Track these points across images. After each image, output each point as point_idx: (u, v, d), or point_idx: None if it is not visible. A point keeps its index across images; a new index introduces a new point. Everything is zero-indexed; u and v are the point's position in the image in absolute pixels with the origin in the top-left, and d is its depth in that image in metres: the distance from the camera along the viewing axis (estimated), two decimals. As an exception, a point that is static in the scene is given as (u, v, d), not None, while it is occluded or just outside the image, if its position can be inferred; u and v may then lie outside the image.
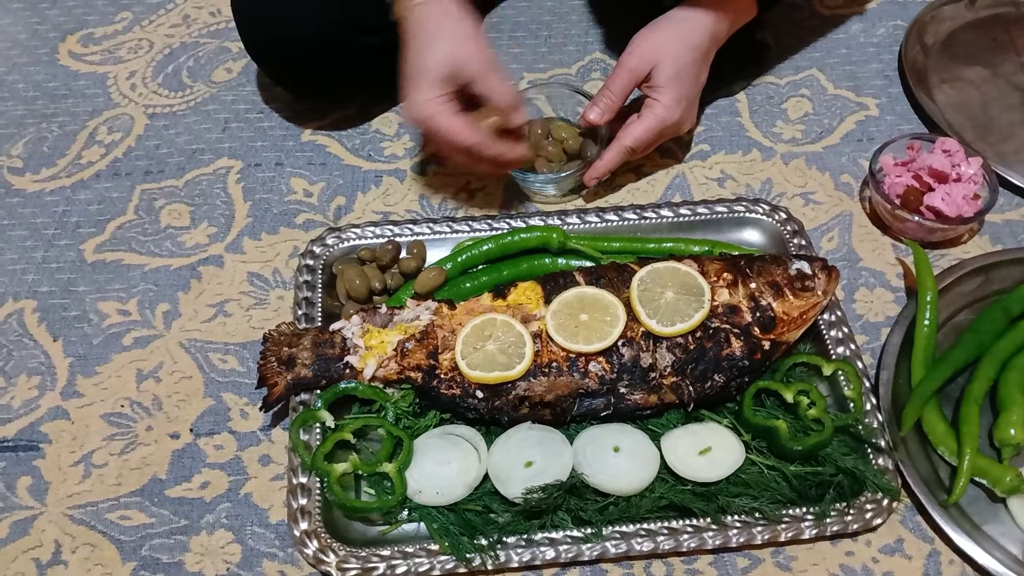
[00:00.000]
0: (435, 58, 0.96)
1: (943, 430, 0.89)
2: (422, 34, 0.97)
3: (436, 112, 0.96)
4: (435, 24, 0.97)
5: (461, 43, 0.96)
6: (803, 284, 0.93)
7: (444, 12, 0.98)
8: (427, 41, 0.97)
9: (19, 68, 1.36)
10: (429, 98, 0.96)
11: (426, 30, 0.97)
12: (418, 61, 0.97)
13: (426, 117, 0.96)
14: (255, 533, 0.88)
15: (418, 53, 0.97)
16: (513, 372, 0.87)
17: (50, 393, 0.98)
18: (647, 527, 0.84)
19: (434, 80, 0.96)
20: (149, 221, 1.14)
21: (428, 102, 0.96)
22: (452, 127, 0.96)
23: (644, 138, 1.07)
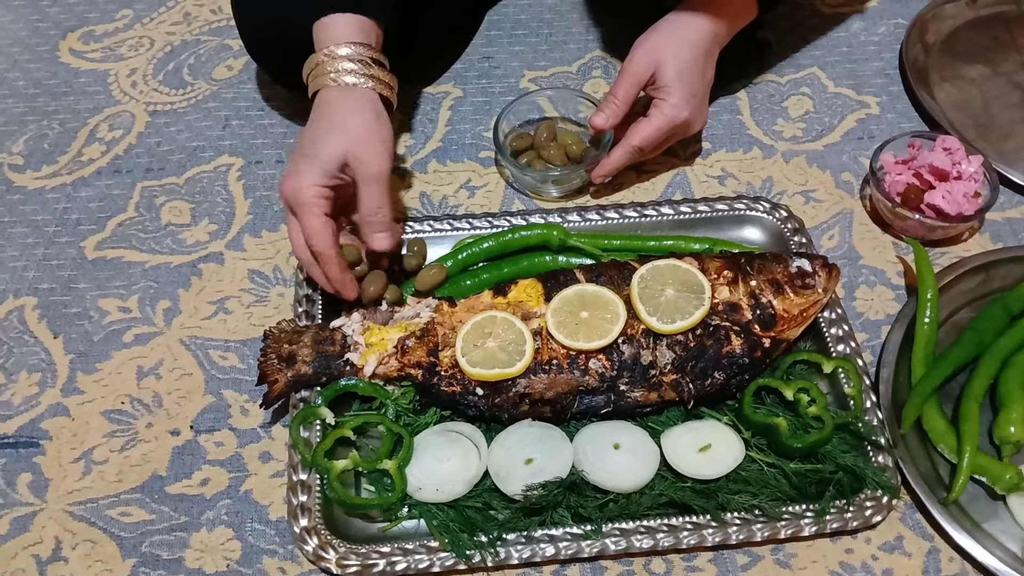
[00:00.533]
0: (332, 148, 0.92)
1: (943, 428, 0.89)
2: (329, 118, 0.94)
3: (309, 202, 0.91)
4: (345, 114, 0.94)
5: (363, 143, 0.93)
6: (803, 282, 0.93)
7: (359, 107, 0.95)
8: (331, 128, 0.94)
9: (20, 65, 1.36)
10: (310, 184, 0.91)
11: (335, 117, 0.94)
12: (315, 144, 0.93)
13: (298, 202, 0.91)
14: (255, 530, 0.88)
15: (318, 135, 0.93)
16: (513, 369, 0.87)
17: (50, 390, 0.98)
18: (647, 524, 0.84)
19: (322, 170, 0.91)
20: (150, 218, 1.14)
21: (308, 188, 0.91)
22: (312, 226, 0.91)
23: (652, 137, 1.07)
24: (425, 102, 1.28)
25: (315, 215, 0.91)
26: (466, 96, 1.28)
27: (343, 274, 0.93)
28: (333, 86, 0.96)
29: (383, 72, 0.98)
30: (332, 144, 0.92)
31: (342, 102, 0.95)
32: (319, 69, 0.97)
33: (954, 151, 1.07)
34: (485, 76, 1.31)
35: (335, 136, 0.93)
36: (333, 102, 0.95)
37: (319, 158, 0.92)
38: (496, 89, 1.29)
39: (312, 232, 0.91)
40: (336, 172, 0.93)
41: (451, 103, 1.27)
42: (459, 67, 1.32)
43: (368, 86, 0.96)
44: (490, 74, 1.31)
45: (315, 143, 0.93)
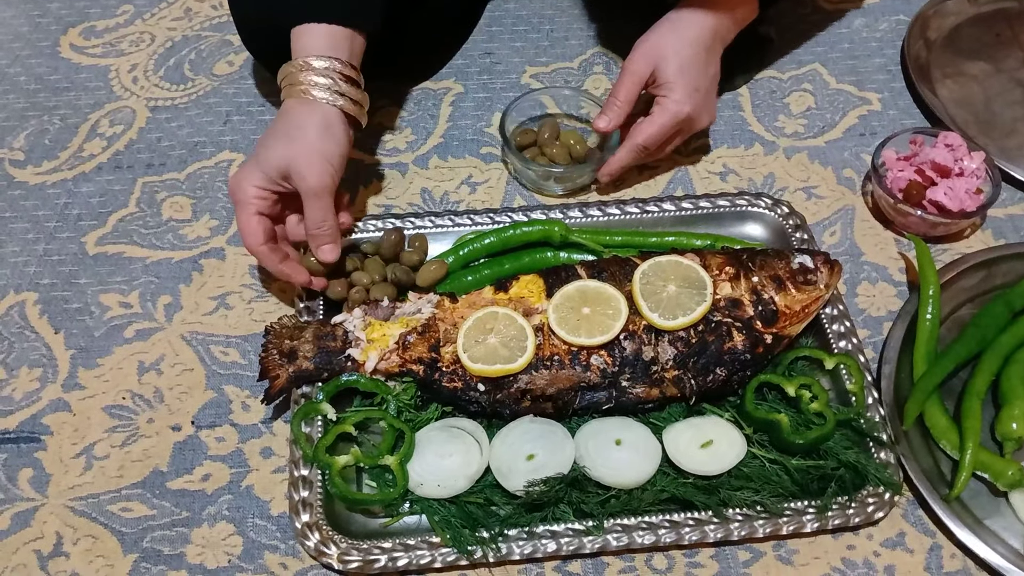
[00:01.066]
0: (275, 157, 0.93)
1: (945, 424, 0.89)
2: (282, 127, 0.95)
3: (243, 200, 0.94)
4: (296, 126, 0.94)
5: (305, 158, 0.93)
6: (805, 278, 0.93)
7: (312, 121, 0.95)
8: (279, 137, 0.94)
9: (21, 60, 1.35)
10: (249, 184, 0.94)
11: (287, 127, 0.95)
12: (264, 148, 0.94)
13: (235, 199, 0.94)
14: (256, 525, 0.88)
15: (268, 141, 0.95)
16: (515, 365, 0.87)
17: (51, 385, 0.98)
18: (649, 520, 0.84)
19: (263, 174, 0.93)
20: (151, 214, 1.14)
21: (247, 187, 0.94)
22: (241, 222, 0.94)
23: (656, 134, 1.06)
24: (426, 98, 1.27)
25: (247, 212, 0.94)
26: (467, 92, 1.28)
27: (281, 265, 0.96)
28: (291, 97, 0.96)
29: (353, 90, 0.98)
30: (276, 153, 0.93)
31: (298, 113, 0.95)
32: (290, 79, 0.96)
33: (956, 147, 1.07)
34: (486, 72, 1.31)
35: (280, 145, 0.94)
36: (291, 112, 0.96)
37: (262, 163, 0.94)
38: (497, 85, 1.29)
39: (242, 229, 0.95)
40: (277, 179, 0.94)
41: (452, 99, 1.27)
42: (460, 63, 1.32)
43: (334, 103, 0.96)
44: (491, 70, 1.31)
45: (264, 148, 0.95)
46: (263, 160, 0.94)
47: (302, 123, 0.95)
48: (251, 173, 0.94)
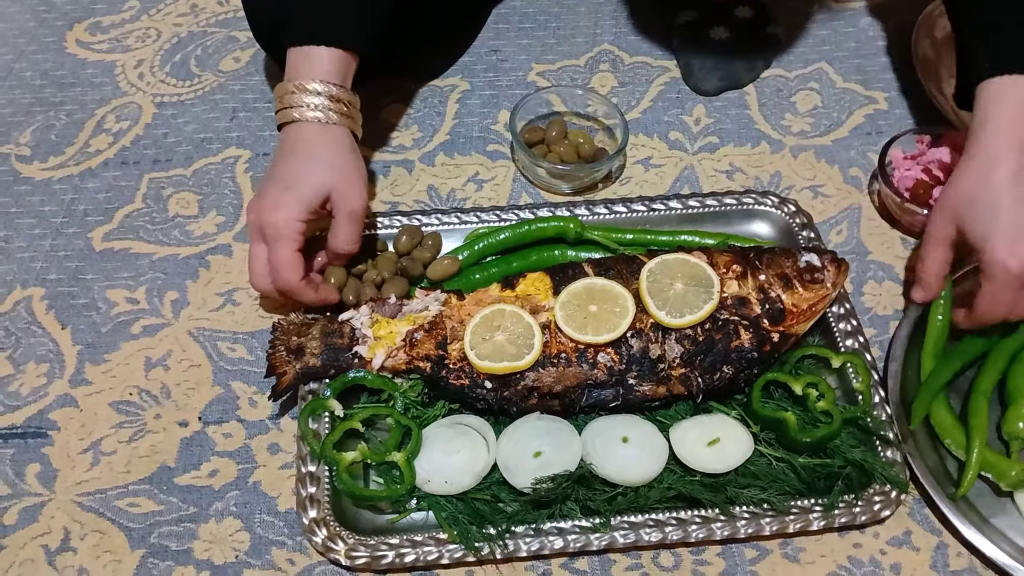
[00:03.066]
0: (316, 183, 0.92)
1: (951, 423, 0.89)
2: (308, 153, 0.94)
3: (287, 236, 0.91)
4: (324, 150, 0.94)
5: (346, 179, 0.93)
6: (812, 276, 0.93)
7: (338, 144, 0.95)
8: (313, 163, 0.93)
9: (27, 56, 1.35)
10: (291, 218, 0.90)
11: (314, 152, 0.94)
12: (297, 177, 0.92)
13: (278, 235, 0.90)
14: (264, 521, 0.88)
15: (299, 168, 0.93)
16: (522, 363, 0.87)
17: (58, 381, 0.98)
18: (655, 517, 0.84)
19: (305, 205, 0.91)
20: (157, 210, 1.14)
21: (289, 222, 0.90)
22: (285, 258, 0.91)
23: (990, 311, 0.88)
24: (433, 95, 1.27)
25: (290, 248, 0.91)
26: (474, 89, 1.28)
27: (318, 294, 0.95)
28: (305, 122, 0.95)
29: (352, 109, 0.98)
30: (316, 179, 0.92)
31: (320, 138, 0.95)
32: (289, 100, 0.95)
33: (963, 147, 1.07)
34: (493, 69, 1.31)
35: (318, 171, 0.93)
36: (310, 138, 0.95)
37: (301, 191, 0.92)
38: (504, 82, 1.29)
39: (284, 265, 0.91)
40: (317, 207, 0.93)
41: (459, 96, 1.27)
42: (467, 60, 1.32)
43: (342, 124, 0.96)
44: (498, 67, 1.31)
45: (297, 177, 0.93)
46: (301, 189, 0.92)
47: (330, 146, 0.95)
48: (289, 206, 0.91)
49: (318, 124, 0.95)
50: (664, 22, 1.34)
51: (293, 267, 0.91)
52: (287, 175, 0.93)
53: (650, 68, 1.31)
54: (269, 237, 0.91)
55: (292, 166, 0.94)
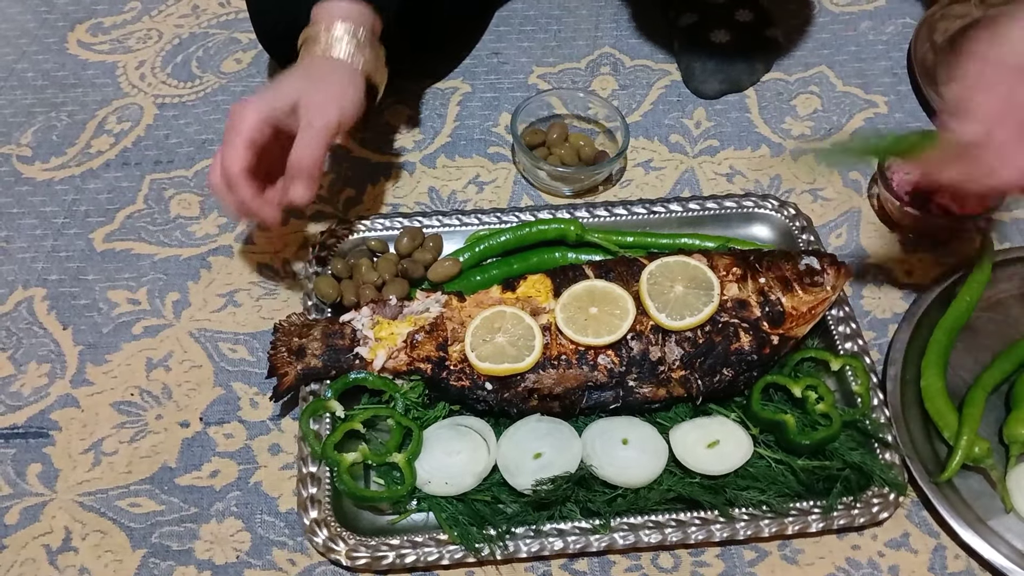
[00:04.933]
0: (288, 88, 0.92)
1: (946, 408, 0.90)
2: (306, 68, 0.95)
3: (243, 128, 0.89)
4: (315, 69, 0.94)
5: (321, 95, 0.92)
6: (812, 279, 0.93)
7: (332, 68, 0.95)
8: (303, 74, 0.94)
9: (28, 57, 1.35)
10: (254, 111, 0.90)
11: (313, 68, 0.94)
12: (280, 80, 0.93)
13: (232, 124, 0.90)
14: (265, 521, 0.89)
15: (288, 75, 0.94)
16: (522, 364, 0.88)
17: (60, 381, 0.99)
18: (655, 519, 0.85)
19: (270, 103, 0.91)
20: (159, 211, 1.14)
21: (250, 114, 0.89)
22: (232, 149, 0.89)
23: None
24: (434, 97, 1.28)
25: (239, 137, 0.89)
26: (475, 92, 1.28)
27: (254, 199, 0.91)
28: (321, 55, 0.95)
29: (374, 56, 0.97)
30: (290, 85, 0.93)
31: (320, 64, 0.95)
32: (311, 40, 0.96)
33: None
34: (494, 72, 1.31)
35: (296, 80, 0.93)
36: (312, 62, 0.95)
37: (272, 93, 0.92)
38: (505, 85, 1.29)
39: (226, 154, 0.90)
40: (283, 111, 0.91)
41: (460, 98, 1.27)
42: (468, 63, 1.32)
43: (355, 64, 0.95)
44: (499, 70, 1.31)
45: (277, 82, 0.93)
46: (273, 90, 0.92)
47: (323, 71, 0.94)
48: (255, 103, 0.90)
49: (320, 57, 0.95)
50: (665, 25, 1.34)
51: (236, 157, 0.89)
52: (272, 84, 0.94)
53: (651, 71, 1.31)
54: (228, 132, 0.90)
55: (279, 79, 0.94)
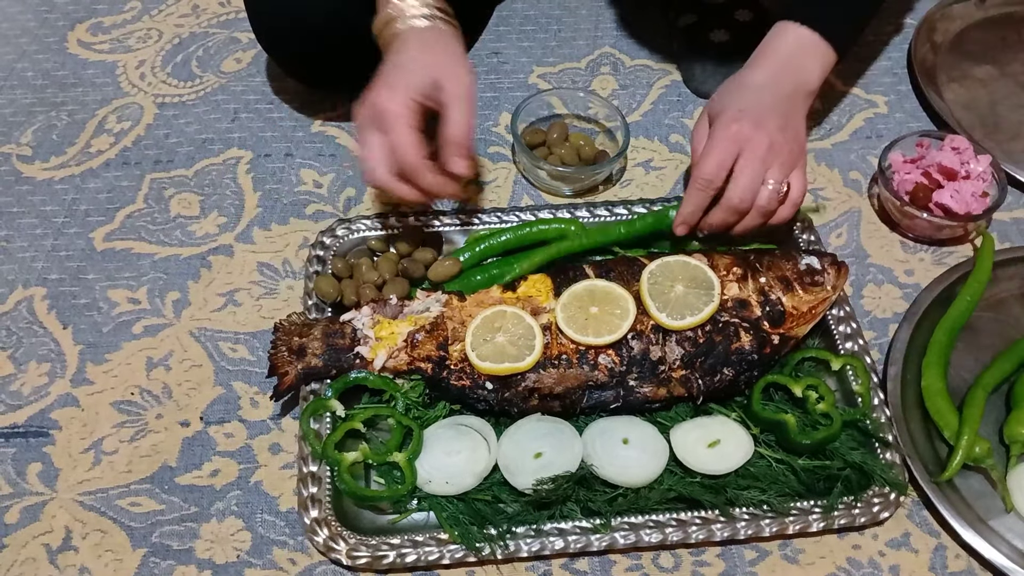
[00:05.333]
0: (423, 67, 0.93)
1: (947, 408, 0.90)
2: (413, 48, 0.95)
3: (401, 114, 0.91)
4: (430, 43, 0.95)
5: (450, 62, 0.94)
6: (812, 279, 0.93)
7: (442, 38, 0.96)
8: (418, 52, 0.94)
9: (28, 56, 1.35)
10: (405, 98, 0.92)
11: (420, 45, 0.95)
12: (402, 65, 0.94)
13: (387, 113, 0.91)
14: (265, 521, 0.88)
15: (403, 60, 0.94)
16: (523, 364, 0.88)
17: (60, 380, 0.98)
18: (656, 518, 0.85)
19: (414, 85, 0.92)
20: (159, 210, 1.14)
21: (403, 101, 0.91)
22: (403, 138, 0.92)
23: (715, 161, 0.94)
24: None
25: (406, 126, 0.91)
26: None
27: (438, 176, 0.94)
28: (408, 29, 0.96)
29: (453, 19, 0.99)
30: (420, 64, 0.93)
31: (422, 36, 0.96)
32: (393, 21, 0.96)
33: (963, 150, 1.07)
34: (494, 71, 1.31)
35: (425, 58, 0.94)
36: (413, 36, 0.95)
37: (410, 76, 0.92)
38: (505, 85, 1.29)
39: (406, 144, 0.92)
40: (427, 90, 0.93)
41: (460, 98, 1.27)
42: (468, 62, 1.32)
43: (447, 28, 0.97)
44: (499, 69, 1.31)
45: (402, 65, 0.93)
46: (408, 74, 0.92)
47: (432, 40, 0.95)
48: (396, 88, 0.91)
49: (421, 28, 0.96)
50: (664, 25, 1.34)
51: (415, 145, 0.92)
52: (393, 65, 0.94)
53: (651, 71, 1.31)
54: (387, 124, 0.91)
55: (395, 60, 0.94)
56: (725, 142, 0.94)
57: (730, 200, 0.94)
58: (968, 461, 0.87)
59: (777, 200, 0.95)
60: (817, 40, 1.00)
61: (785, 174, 0.95)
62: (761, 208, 0.95)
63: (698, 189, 0.95)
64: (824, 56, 1.01)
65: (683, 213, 0.97)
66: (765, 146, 0.93)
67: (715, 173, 0.94)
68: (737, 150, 0.94)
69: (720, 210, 0.95)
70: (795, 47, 1.00)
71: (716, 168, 0.94)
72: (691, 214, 0.97)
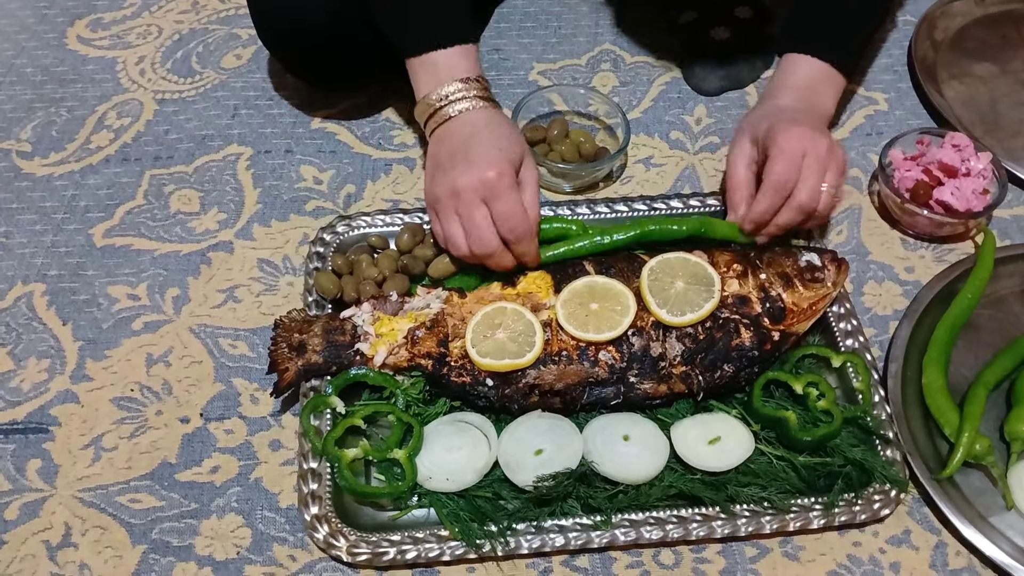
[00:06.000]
0: (516, 144, 0.95)
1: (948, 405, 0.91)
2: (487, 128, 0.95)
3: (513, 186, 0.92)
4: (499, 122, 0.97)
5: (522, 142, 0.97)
6: (813, 275, 0.93)
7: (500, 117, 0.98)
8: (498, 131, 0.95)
9: (27, 52, 1.35)
10: (511, 172, 0.92)
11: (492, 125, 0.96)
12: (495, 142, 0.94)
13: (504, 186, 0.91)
14: (265, 517, 0.88)
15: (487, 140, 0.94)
16: (523, 360, 0.88)
17: (59, 376, 0.98)
18: (656, 515, 0.85)
19: (513, 161, 0.93)
20: (158, 206, 1.14)
21: (510, 173, 0.92)
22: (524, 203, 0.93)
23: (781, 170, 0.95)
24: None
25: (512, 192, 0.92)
26: (475, 88, 1.28)
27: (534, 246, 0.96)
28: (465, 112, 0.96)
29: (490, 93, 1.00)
30: (516, 143, 0.95)
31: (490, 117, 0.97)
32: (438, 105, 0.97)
33: (963, 148, 1.07)
34: (494, 68, 1.31)
35: (514, 137, 0.96)
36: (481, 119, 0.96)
37: (508, 153, 0.93)
38: (505, 81, 1.29)
39: (527, 208, 0.93)
40: (518, 165, 0.95)
41: (460, 95, 1.27)
42: (468, 59, 1.32)
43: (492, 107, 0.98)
44: (499, 66, 1.31)
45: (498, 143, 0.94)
46: (509, 150, 0.93)
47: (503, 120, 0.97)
48: (504, 162, 0.92)
49: (477, 110, 0.96)
50: (665, 22, 1.34)
51: (529, 207, 0.94)
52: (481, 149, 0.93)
53: (651, 68, 1.31)
54: (496, 193, 0.91)
55: (480, 142, 0.94)
56: (793, 142, 0.95)
57: (799, 200, 0.95)
58: (968, 458, 0.87)
59: (834, 201, 0.97)
60: (828, 70, 1.04)
61: (839, 176, 0.97)
62: (823, 209, 0.97)
63: (774, 191, 0.96)
64: (837, 83, 1.05)
65: (757, 212, 0.98)
66: (825, 148, 0.95)
67: (790, 174, 0.95)
68: (803, 151, 0.95)
69: (789, 210, 0.96)
70: (810, 78, 1.04)
71: (791, 169, 0.95)
72: (763, 214, 0.98)
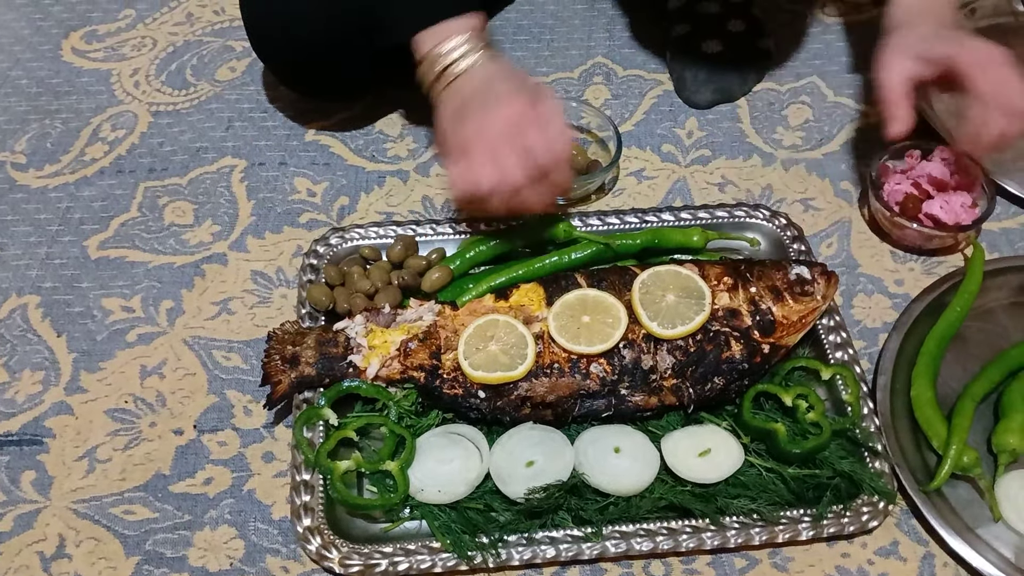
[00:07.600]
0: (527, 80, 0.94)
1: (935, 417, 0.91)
2: (496, 72, 0.95)
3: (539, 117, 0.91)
4: (504, 66, 0.96)
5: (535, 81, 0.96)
6: (802, 289, 0.94)
7: (507, 64, 0.97)
8: (507, 75, 0.94)
9: (22, 64, 1.36)
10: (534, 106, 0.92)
11: (500, 70, 0.95)
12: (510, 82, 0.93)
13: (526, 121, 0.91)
14: (258, 529, 0.89)
15: (502, 81, 0.94)
16: (515, 373, 0.88)
17: (54, 388, 0.99)
18: (646, 527, 0.85)
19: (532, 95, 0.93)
20: (153, 218, 1.15)
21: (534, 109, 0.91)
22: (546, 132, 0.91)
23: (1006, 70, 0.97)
24: (428, 106, 1.27)
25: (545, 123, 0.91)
26: (468, 100, 1.29)
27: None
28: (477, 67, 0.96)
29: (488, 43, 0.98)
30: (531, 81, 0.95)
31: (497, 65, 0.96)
32: (442, 66, 0.97)
33: (952, 161, 1.08)
34: (487, 81, 1.31)
35: (527, 77, 0.95)
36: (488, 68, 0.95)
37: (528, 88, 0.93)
38: (498, 94, 1.29)
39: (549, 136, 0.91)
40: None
41: (453, 107, 1.28)
42: (461, 71, 1.33)
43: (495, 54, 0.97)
44: (492, 79, 1.32)
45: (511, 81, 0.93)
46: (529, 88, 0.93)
47: (499, 75, 0.95)
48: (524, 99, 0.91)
49: (484, 64, 0.95)
50: (657, 35, 1.35)
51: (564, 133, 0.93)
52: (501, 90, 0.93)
53: (643, 81, 1.32)
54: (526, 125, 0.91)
55: (497, 86, 0.93)
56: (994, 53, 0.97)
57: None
58: (956, 470, 0.88)
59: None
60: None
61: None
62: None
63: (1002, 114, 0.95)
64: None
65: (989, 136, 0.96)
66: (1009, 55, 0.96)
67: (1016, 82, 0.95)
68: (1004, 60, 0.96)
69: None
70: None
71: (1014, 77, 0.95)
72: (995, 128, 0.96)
